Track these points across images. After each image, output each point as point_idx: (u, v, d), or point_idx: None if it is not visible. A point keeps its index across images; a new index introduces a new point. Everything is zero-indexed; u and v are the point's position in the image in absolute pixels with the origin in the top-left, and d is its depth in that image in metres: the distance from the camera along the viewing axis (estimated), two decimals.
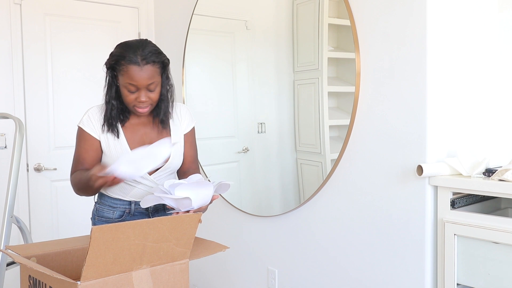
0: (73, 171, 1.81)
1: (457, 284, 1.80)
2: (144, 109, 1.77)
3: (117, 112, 1.80)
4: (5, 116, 2.42)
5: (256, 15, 2.71)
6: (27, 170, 3.03)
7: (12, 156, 2.24)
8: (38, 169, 3.06)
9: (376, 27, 2.01)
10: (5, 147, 2.93)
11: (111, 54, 1.76)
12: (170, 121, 1.88)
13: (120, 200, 1.86)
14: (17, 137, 2.26)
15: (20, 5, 2.98)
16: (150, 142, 1.79)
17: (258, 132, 2.63)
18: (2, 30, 2.91)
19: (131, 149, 1.80)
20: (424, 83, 1.86)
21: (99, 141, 1.80)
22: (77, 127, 1.82)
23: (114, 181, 1.59)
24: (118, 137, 1.80)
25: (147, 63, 1.70)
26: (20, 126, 2.29)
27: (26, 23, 3.00)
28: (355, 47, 2.09)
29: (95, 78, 3.26)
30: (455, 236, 1.79)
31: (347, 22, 2.11)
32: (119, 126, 1.81)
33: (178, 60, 3.13)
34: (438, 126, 1.89)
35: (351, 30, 2.09)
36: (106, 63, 1.78)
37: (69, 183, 1.83)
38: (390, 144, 1.99)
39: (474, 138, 2.03)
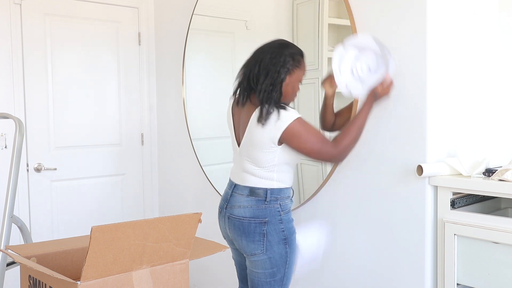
0: (327, 143, 1.87)
1: (457, 284, 1.80)
2: None
3: None
4: (5, 116, 2.41)
5: (256, 15, 2.71)
6: (27, 170, 3.03)
7: (12, 156, 2.24)
8: (38, 169, 3.06)
9: (376, 27, 2.01)
10: (5, 147, 2.93)
11: (286, 54, 1.87)
12: None
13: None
14: (17, 137, 2.26)
15: (20, 5, 2.98)
16: None
17: None
18: (2, 30, 2.91)
19: None
20: (424, 83, 1.85)
21: None
22: (293, 121, 1.83)
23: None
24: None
25: None
26: (20, 126, 2.28)
27: (26, 23, 3.00)
28: None
29: (95, 78, 3.26)
30: (455, 236, 1.79)
31: (347, 22, 2.11)
32: None
33: (178, 60, 3.12)
34: (438, 126, 1.89)
35: (351, 30, 2.09)
36: (289, 62, 1.87)
37: (68, 183, 1.84)
38: (390, 144, 1.99)
39: (474, 138, 2.03)
